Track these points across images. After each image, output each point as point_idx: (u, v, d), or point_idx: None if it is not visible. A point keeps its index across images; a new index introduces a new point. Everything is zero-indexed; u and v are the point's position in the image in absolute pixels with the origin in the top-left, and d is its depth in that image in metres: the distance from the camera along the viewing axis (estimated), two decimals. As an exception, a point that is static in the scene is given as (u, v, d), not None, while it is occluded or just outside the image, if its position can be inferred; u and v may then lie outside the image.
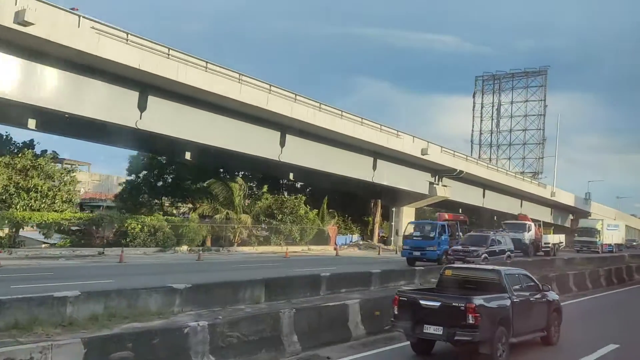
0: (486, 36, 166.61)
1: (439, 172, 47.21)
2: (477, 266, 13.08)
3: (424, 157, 42.74)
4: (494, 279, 9.77)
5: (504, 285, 9.57)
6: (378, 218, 52.26)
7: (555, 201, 65.53)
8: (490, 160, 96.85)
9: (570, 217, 73.70)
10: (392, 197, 48.21)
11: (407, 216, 47.32)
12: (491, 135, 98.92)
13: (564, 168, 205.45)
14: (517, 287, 9.88)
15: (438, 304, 8.87)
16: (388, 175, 42.45)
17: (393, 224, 49.03)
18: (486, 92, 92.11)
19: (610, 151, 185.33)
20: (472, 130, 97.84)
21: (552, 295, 11.02)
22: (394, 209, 49.30)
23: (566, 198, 68.15)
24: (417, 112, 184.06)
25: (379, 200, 51.47)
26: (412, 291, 10.38)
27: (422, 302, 9.03)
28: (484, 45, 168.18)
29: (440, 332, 8.75)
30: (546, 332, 10.45)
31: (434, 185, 47.21)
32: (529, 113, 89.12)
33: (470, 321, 8.44)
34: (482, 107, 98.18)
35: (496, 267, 10.74)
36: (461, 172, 46.86)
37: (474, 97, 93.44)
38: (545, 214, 65.66)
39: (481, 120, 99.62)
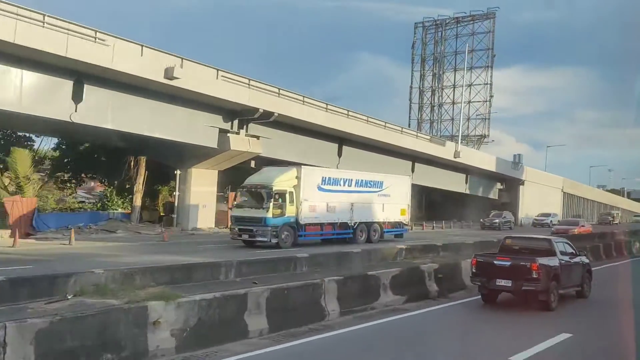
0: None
1: (238, 114, 31.34)
2: (532, 235, 15.54)
3: (189, 88, 27.67)
4: (546, 246, 12.80)
5: (553, 250, 12.49)
6: (141, 185, 36.19)
7: (470, 165, 49.01)
8: (431, 122, 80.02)
9: (499, 186, 57.02)
10: (172, 154, 33.25)
11: (201, 183, 32.53)
12: (432, 93, 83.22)
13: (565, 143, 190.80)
14: (562, 252, 12.70)
15: (509, 263, 11.71)
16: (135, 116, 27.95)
17: (178, 193, 33.21)
18: (428, 42, 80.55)
19: (611, 125, 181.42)
20: (411, 87, 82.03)
21: (585, 259, 13.81)
22: (178, 172, 33.48)
23: (483, 161, 51.61)
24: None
25: (143, 159, 35.58)
26: (487, 254, 13.20)
27: (495, 262, 11.88)
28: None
29: (510, 285, 11.57)
30: (581, 287, 13.32)
31: (228, 135, 31.29)
32: (475, 65, 76.20)
33: (534, 276, 11.29)
34: (422, 60, 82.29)
35: (547, 237, 14.29)
36: (268, 113, 30.94)
37: (412, 47, 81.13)
38: (457, 182, 51.19)
39: (422, 76, 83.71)
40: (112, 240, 25.75)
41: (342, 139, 38.59)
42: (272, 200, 23.36)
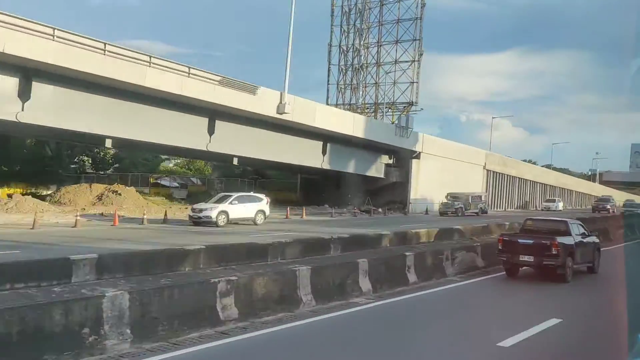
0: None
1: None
2: (550, 217, 18.57)
3: None
4: (563, 227, 14.81)
5: (569, 231, 14.51)
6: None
7: (319, 129, 36.44)
8: (352, 87, 67.83)
9: (385, 160, 44.61)
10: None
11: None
12: (353, 51, 71.15)
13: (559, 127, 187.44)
14: (576, 232, 14.75)
15: (531, 241, 13.81)
16: None
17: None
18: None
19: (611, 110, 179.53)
20: (330, 46, 70.00)
21: (595, 239, 15.78)
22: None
23: (343, 123, 38.50)
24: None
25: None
26: (511, 234, 16.02)
27: (519, 240, 14.03)
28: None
29: (532, 260, 13.64)
30: (592, 264, 15.32)
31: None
32: (402, 17, 64.90)
33: (554, 252, 13.32)
34: (343, 15, 70.30)
35: (564, 219, 16.18)
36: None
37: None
38: (305, 152, 37.93)
39: (342, 32, 71.81)
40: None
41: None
42: None
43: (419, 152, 45.77)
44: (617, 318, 8.88)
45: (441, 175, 48.08)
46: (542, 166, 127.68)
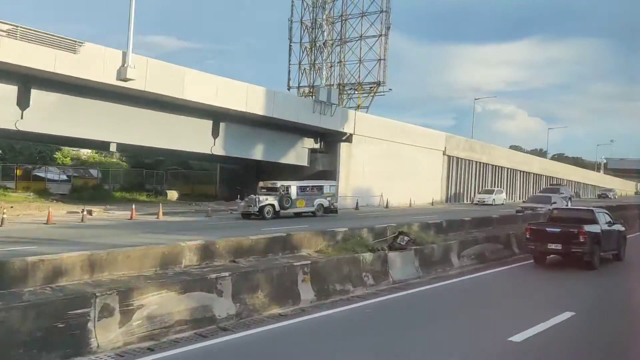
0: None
1: None
2: (576, 207, 20.38)
3: None
4: (589, 215, 15.24)
5: (595, 219, 14.89)
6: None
7: (191, 102, 28.70)
8: (315, 68, 60.70)
9: (309, 144, 36.98)
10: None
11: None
12: (315, 27, 63.51)
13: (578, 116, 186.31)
14: (602, 220, 15.10)
15: (559, 229, 14.20)
16: None
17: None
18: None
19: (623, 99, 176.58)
20: (291, 21, 62.88)
21: (621, 227, 16.06)
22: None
23: (237, 97, 30.40)
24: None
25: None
26: (539, 223, 16.48)
27: (547, 229, 14.45)
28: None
29: (560, 248, 14.03)
30: (617, 251, 15.66)
31: None
32: None
33: (581, 240, 13.70)
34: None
35: (590, 208, 16.93)
36: None
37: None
38: (195, 137, 31.12)
39: (304, 5, 64.13)
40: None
41: None
42: None
43: (350, 134, 37.75)
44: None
45: (386, 162, 40.07)
46: (553, 155, 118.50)
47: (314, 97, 35.90)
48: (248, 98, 30.54)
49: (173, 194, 40.32)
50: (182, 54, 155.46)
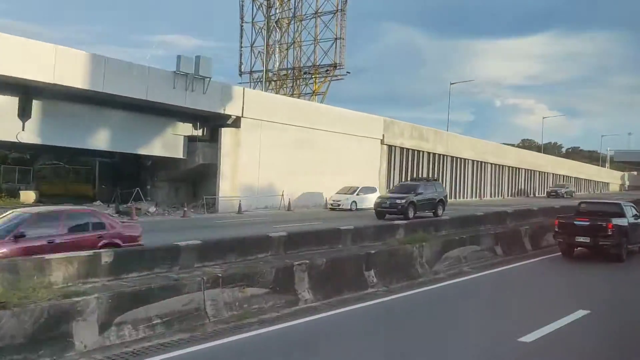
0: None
1: None
2: (604, 200, 20.57)
3: None
4: (617, 209, 15.29)
5: (623, 212, 14.96)
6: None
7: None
8: (269, 50, 57.54)
9: (185, 131, 28.99)
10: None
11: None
12: (267, 3, 57.47)
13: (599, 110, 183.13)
14: (630, 214, 15.17)
15: (587, 223, 14.25)
16: None
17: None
18: None
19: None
20: (241, 3, 57.99)
21: None
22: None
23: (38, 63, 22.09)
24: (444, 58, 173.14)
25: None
26: (567, 216, 15.79)
27: (576, 222, 14.53)
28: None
29: (588, 240, 14.18)
30: None
31: None
32: None
33: (609, 233, 13.90)
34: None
35: (617, 201, 17.14)
36: None
37: None
38: None
39: None
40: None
41: None
42: None
43: (237, 117, 29.49)
44: None
45: (296, 153, 31.83)
46: (567, 149, 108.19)
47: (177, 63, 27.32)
48: (58, 64, 22.31)
49: (28, 195, 32.35)
50: (199, 53, 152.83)
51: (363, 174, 35.52)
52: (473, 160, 49.96)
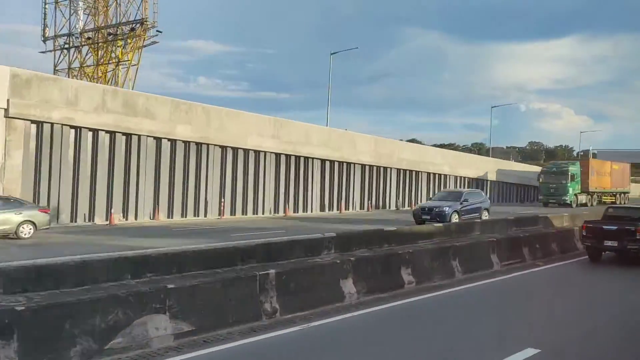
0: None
1: None
2: (631, 205, 22.46)
3: None
4: None
5: None
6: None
7: None
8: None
9: None
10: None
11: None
12: None
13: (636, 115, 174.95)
14: None
15: (615, 227, 14.59)
16: None
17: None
18: None
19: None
20: None
21: None
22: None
23: None
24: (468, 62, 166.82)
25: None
26: (595, 220, 15.97)
27: (604, 227, 14.84)
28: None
29: (616, 245, 14.45)
30: None
31: None
32: None
33: (638, 237, 13.98)
34: None
35: None
36: None
37: None
38: None
39: None
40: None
41: None
42: None
43: None
44: None
45: None
46: (579, 152, 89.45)
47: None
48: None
49: None
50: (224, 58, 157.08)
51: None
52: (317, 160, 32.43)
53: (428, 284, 10.80)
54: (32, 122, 22.20)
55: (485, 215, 25.87)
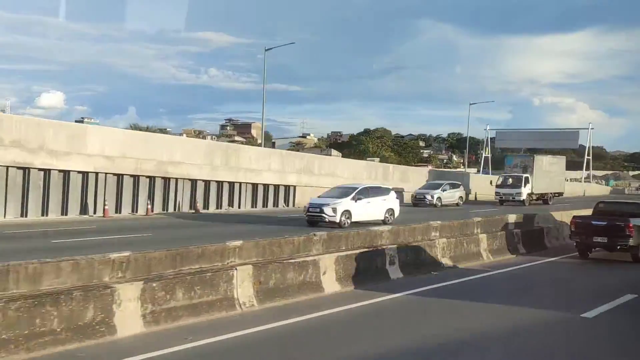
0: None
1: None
2: (622, 200, 19.98)
3: None
4: (635, 209, 15.19)
5: None
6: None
7: None
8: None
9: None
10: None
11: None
12: None
13: None
14: None
15: (605, 223, 14.17)
16: None
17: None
18: None
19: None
20: None
21: None
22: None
23: None
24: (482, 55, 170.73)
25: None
26: (584, 216, 15.66)
27: (593, 222, 14.43)
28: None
29: (606, 241, 14.01)
30: None
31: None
32: None
33: (628, 233, 13.68)
34: None
35: (637, 201, 17.43)
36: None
37: None
38: None
39: None
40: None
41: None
42: None
43: None
44: None
45: None
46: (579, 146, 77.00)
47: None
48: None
49: None
50: (235, 49, 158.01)
51: None
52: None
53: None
54: None
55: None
